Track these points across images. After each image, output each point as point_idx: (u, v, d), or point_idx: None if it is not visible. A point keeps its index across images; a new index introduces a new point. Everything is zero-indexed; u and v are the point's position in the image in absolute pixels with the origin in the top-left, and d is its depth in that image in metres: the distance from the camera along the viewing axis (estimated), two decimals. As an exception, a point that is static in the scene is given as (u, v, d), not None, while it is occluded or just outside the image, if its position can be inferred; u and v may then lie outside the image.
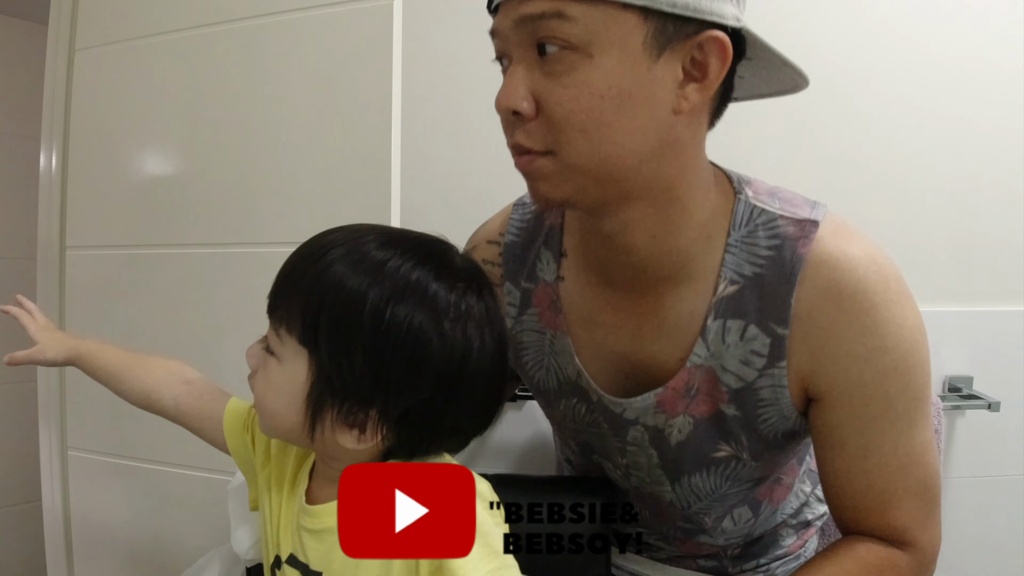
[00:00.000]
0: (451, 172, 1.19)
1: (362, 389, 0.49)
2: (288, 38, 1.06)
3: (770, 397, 0.61)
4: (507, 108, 0.53)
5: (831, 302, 0.57)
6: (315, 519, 0.54)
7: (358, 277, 0.48)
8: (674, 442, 0.66)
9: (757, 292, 0.59)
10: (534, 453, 1.13)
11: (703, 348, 0.61)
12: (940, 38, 1.14)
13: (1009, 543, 1.16)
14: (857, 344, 0.57)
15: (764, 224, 0.60)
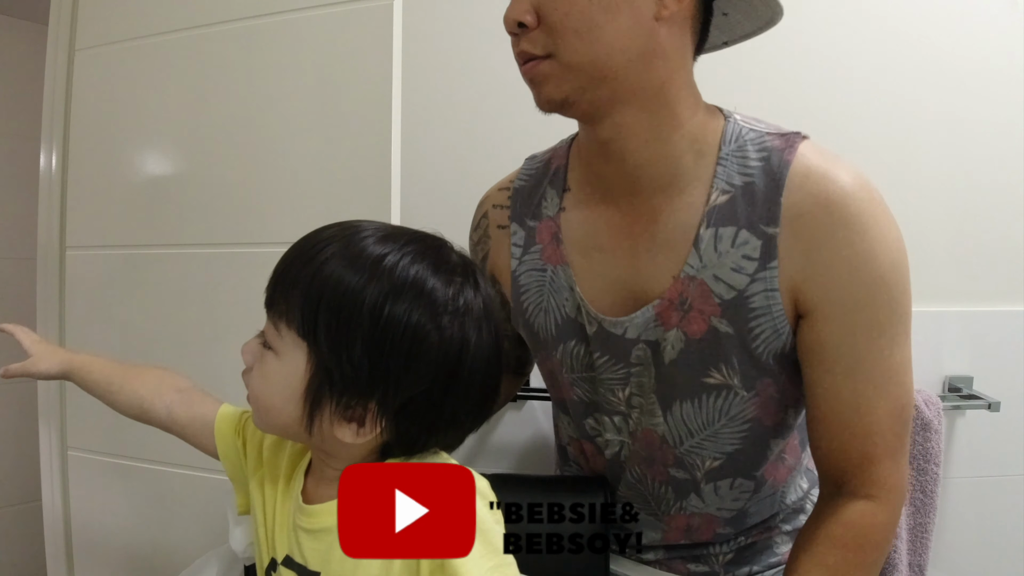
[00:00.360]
0: (451, 172, 1.19)
1: (361, 382, 0.49)
2: (288, 38, 1.06)
3: (762, 305, 0.63)
4: (513, 20, 0.61)
5: (820, 208, 0.60)
6: (313, 519, 0.54)
7: (357, 272, 0.49)
8: (667, 360, 0.67)
9: (748, 199, 0.63)
10: (534, 453, 1.13)
11: (696, 258, 0.64)
12: (940, 38, 1.14)
13: (1009, 543, 1.16)
14: (846, 249, 0.60)
15: (753, 140, 0.65)
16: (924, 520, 1.09)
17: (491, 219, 0.82)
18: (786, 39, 1.15)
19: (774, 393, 0.68)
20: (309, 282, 0.50)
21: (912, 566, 1.09)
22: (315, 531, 0.53)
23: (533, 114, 0.73)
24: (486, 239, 0.82)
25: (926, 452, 1.08)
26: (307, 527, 0.54)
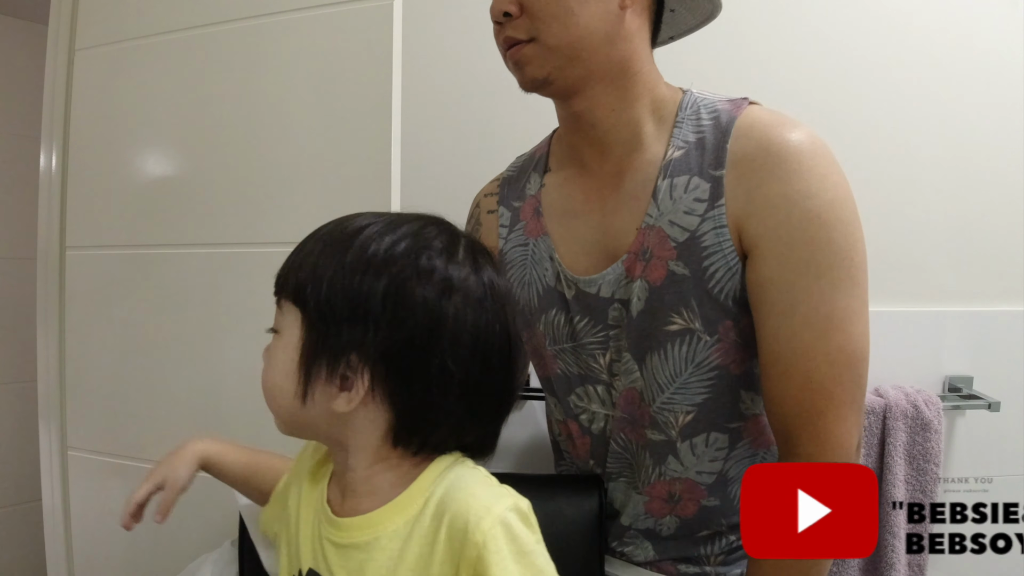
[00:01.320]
0: (451, 172, 1.19)
1: (342, 331, 0.48)
2: (288, 38, 1.06)
3: (713, 243, 0.66)
4: (499, 10, 0.68)
5: (761, 150, 0.65)
6: (343, 533, 0.51)
7: (345, 235, 0.52)
8: (635, 312, 0.70)
9: (699, 151, 0.69)
10: (534, 453, 1.13)
11: (654, 208, 0.70)
12: (941, 38, 1.14)
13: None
14: (783, 185, 0.63)
15: (705, 105, 0.72)
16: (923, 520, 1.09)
17: (482, 207, 0.89)
18: (786, 39, 1.16)
19: (736, 338, 0.69)
20: (301, 253, 0.53)
21: (911, 566, 1.09)
22: (345, 546, 0.50)
23: (532, 114, 0.74)
24: (477, 226, 0.89)
25: (926, 452, 1.08)
26: (337, 541, 0.51)
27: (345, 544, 0.50)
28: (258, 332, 1.15)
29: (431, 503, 0.48)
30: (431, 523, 0.47)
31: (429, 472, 0.50)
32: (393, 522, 0.49)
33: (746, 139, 0.66)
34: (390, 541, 0.48)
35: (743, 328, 0.69)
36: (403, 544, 0.48)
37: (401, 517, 0.49)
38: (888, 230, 1.15)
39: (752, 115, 0.68)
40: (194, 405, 1.15)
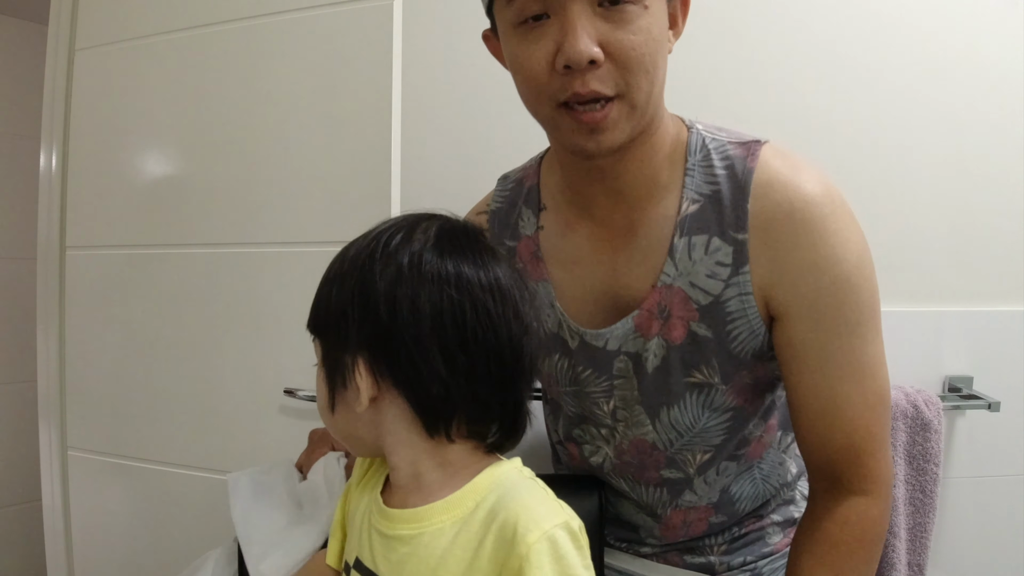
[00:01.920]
0: (451, 172, 1.19)
1: (332, 340, 0.53)
2: (288, 38, 1.06)
3: (737, 309, 0.65)
4: (587, 56, 0.56)
5: (784, 215, 0.62)
6: (391, 523, 0.52)
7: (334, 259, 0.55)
8: (651, 368, 0.69)
9: (716, 207, 0.65)
10: (534, 453, 1.13)
11: (671, 267, 0.66)
12: (941, 38, 1.14)
13: (1009, 543, 1.16)
14: (811, 253, 0.62)
15: (716, 150, 0.67)
16: (923, 520, 1.09)
17: None
18: (786, 39, 1.16)
19: (748, 381, 0.70)
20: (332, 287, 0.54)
21: (911, 565, 1.09)
22: (390, 537, 0.51)
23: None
24: None
25: (926, 452, 1.08)
26: (384, 531, 0.52)
27: (390, 535, 0.51)
28: (257, 332, 1.16)
29: (482, 507, 0.48)
30: (480, 528, 0.47)
31: (484, 476, 0.50)
32: (440, 520, 0.49)
33: (766, 199, 0.63)
34: (434, 539, 0.48)
35: (758, 374, 0.70)
36: (448, 544, 0.48)
37: (449, 516, 0.49)
38: (888, 230, 1.15)
39: (769, 169, 0.64)
40: (194, 405, 1.15)
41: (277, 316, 1.07)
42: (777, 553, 0.79)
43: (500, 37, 0.65)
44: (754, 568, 0.77)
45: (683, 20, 0.65)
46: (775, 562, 0.78)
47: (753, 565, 0.77)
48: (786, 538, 0.79)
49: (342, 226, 1.03)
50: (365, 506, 0.56)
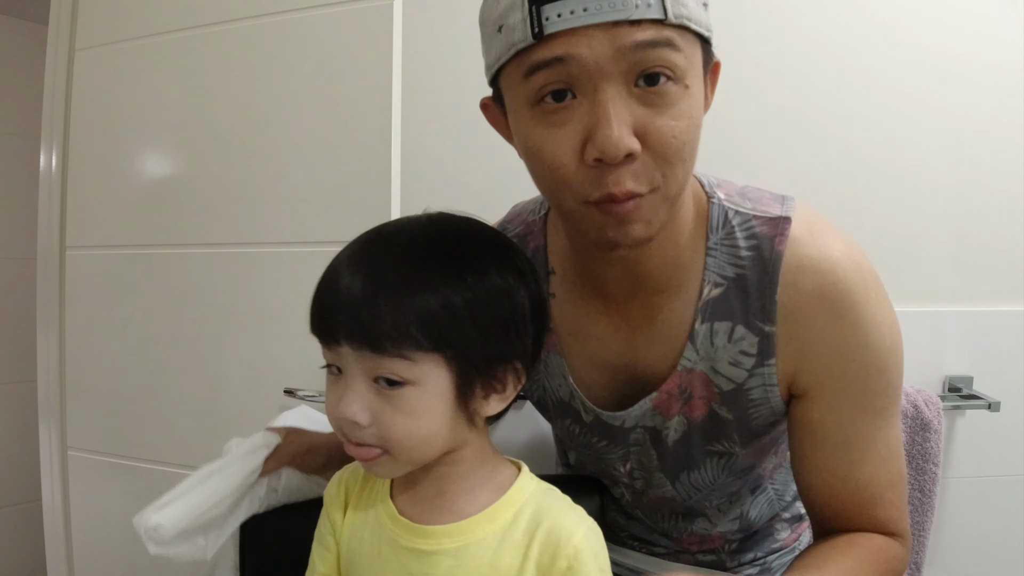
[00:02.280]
0: (451, 172, 1.19)
1: (491, 351, 0.50)
2: (288, 38, 1.06)
3: (760, 397, 0.62)
4: (624, 150, 0.48)
5: (815, 303, 0.58)
6: (433, 540, 0.52)
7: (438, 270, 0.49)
8: (670, 442, 0.67)
9: (741, 293, 0.60)
10: (534, 453, 1.13)
11: (692, 352, 0.63)
12: (940, 38, 1.14)
13: (1009, 543, 1.16)
14: (841, 343, 0.58)
15: (740, 225, 0.61)
16: (922, 519, 1.09)
17: None
18: (786, 39, 1.16)
19: (767, 441, 0.70)
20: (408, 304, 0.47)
21: (910, 565, 1.09)
22: (433, 553, 0.51)
23: None
24: None
25: (925, 452, 1.08)
26: (424, 548, 0.52)
27: (431, 551, 0.51)
28: (258, 332, 1.15)
29: (523, 517, 0.51)
30: (523, 535, 0.50)
31: (520, 488, 0.53)
32: (484, 530, 0.51)
33: (796, 288, 0.58)
34: (479, 549, 0.50)
35: (776, 433, 0.70)
36: (493, 552, 0.50)
37: (491, 527, 0.51)
38: (888, 230, 1.15)
39: (798, 253, 0.58)
40: (194, 405, 1.15)
41: (277, 316, 1.07)
42: (785, 548, 0.80)
43: (508, 112, 0.56)
44: (764, 563, 0.79)
45: (712, 91, 0.57)
46: (783, 557, 0.80)
47: (763, 560, 0.79)
48: (794, 533, 0.81)
49: (342, 226, 1.03)
50: (374, 532, 0.55)
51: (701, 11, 0.51)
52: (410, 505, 0.54)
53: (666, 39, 0.49)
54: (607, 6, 0.47)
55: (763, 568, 0.79)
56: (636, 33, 0.48)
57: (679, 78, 0.50)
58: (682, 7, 0.49)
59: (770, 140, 1.15)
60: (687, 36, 0.50)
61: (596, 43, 0.48)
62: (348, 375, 0.49)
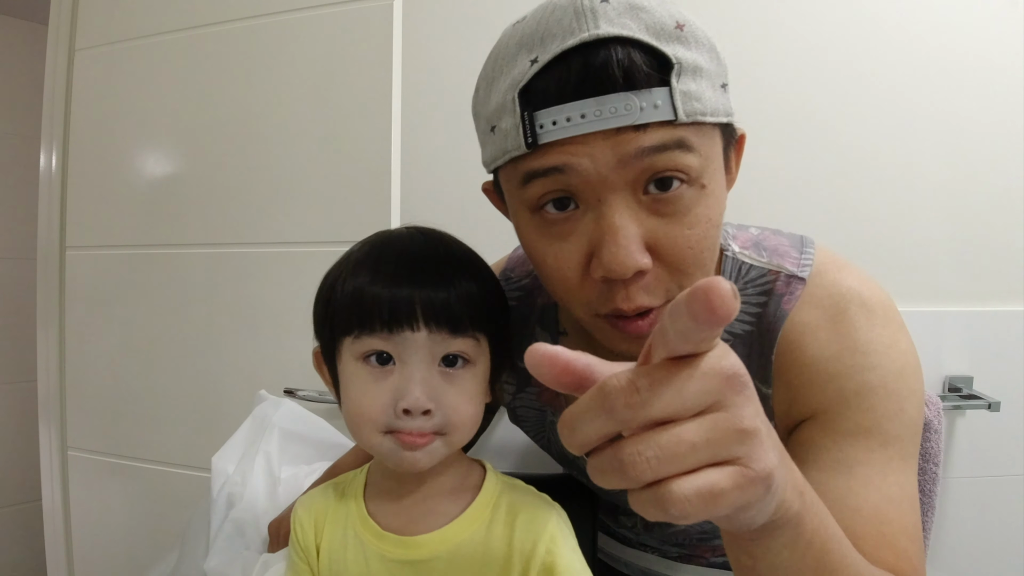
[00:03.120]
0: (451, 172, 1.19)
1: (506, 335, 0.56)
2: (288, 38, 1.06)
3: None
4: (632, 269, 0.44)
5: (810, 335, 0.54)
6: (424, 548, 0.52)
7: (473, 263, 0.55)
8: None
9: (746, 350, 0.57)
10: (534, 453, 1.13)
11: None
12: (940, 38, 1.14)
13: (1009, 543, 1.16)
14: (836, 363, 0.53)
15: (753, 280, 0.57)
16: (923, 519, 1.09)
17: None
18: (786, 39, 1.16)
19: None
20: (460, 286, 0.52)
21: (912, 566, 1.09)
22: (427, 560, 0.52)
23: None
24: None
25: (926, 452, 1.08)
26: (415, 558, 0.53)
27: (427, 559, 0.53)
28: (257, 332, 1.15)
29: (500, 510, 0.54)
30: (504, 528, 0.53)
31: (491, 484, 0.56)
32: (468, 530, 0.53)
33: (789, 354, 0.54)
34: (469, 546, 0.53)
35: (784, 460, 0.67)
36: (482, 547, 0.52)
37: (475, 524, 0.53)
38: (888, 230, 1.15)
39: (812, 317, 0.54)
40: (194, 405, 1.15)
41: (277, 316, 1.07)
42: None
43: (509, 209, 0.53)
44: None
45: (738, 164, 0.52)
46: None
47: None
48: None
49: (342, 226, 1.03)
50: (356, 552, 0.55)
51: (718, 96, 0.46)
52: (392, 518, 0.55)
53: (678, 141, 0.44)
54: (608, 112, 0.43)
55: None
56: (642, 138, 0.43)
57: (694, 179, 0.45)
58: (695, 102, 0.44)
59: (769, 140, 1.14)
60: (704, 130, 0.45)
61: (598, 152, 0.44)
62: (410, 362, 0.50)
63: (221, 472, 0.78)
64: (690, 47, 0.45)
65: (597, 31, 0.43)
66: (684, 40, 0.45)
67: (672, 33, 0.44)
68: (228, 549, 0.69)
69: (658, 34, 0.44)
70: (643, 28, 0.43)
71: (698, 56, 0.45)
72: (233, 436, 0.83)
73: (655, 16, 0.44)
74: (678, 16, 0.45)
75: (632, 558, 0.81)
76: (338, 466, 0.73)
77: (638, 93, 0.43)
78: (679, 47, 0.44)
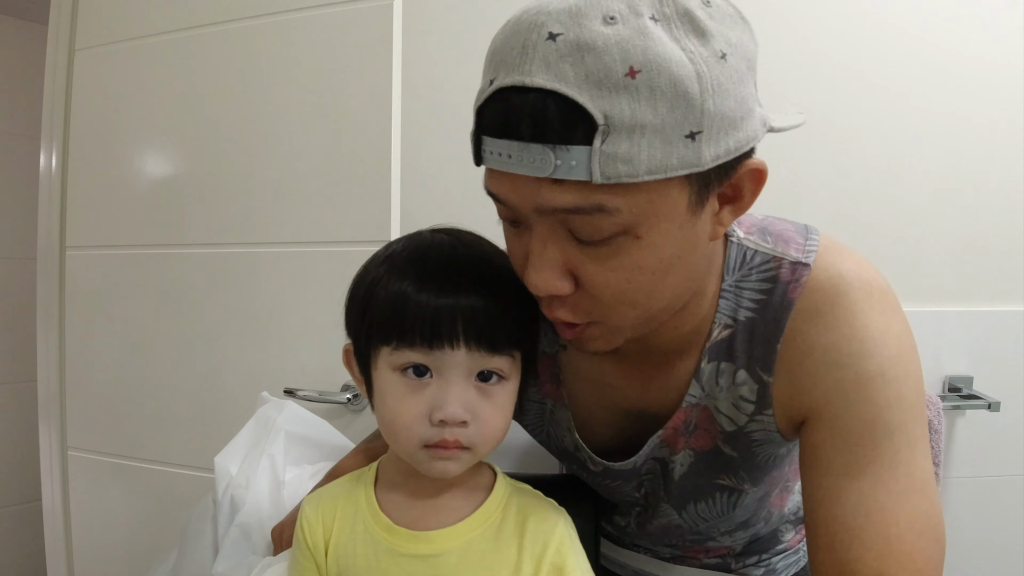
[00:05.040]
0: (451, 172, 1.19)
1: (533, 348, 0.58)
2: (288, 38, 1.06)
3: (763, 438, 0.61)
4: (544, 292, 0.49)
5: (810, 322, 0.55)
6: (436, 543, 0.53)
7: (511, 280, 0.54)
8: (677, 476, 0.66)
9: (748, 336, 0.58)
10: (535, 453, 1.13)
11: (698, 388, 0.61)
12: (941, 39, 1.14)
13: (1009, 543, 1.16)
14: (835, 353, 0.53)
15: (758, 266, 0.58)
16: (924, 520, 1.09)
17: None
18: (786, 39, 1.16)
19: (776, 475, 0.69)
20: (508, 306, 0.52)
21: (912, 566, 1.09)
22: (438, 555, 0.53)
23: None
24: None
25: (926, 452, 1.08)
26: (427, 553, 0.53)
27: (438, 553, 0.54)
28: (258, 332, 1.15)
29: (510, 512, 0.55)
30: (515, 528, 0.54)
31: (501, 486, 0.57)
32: (479, 528, 0.54)
33: (796, 342, 0.55)
34: (480, 543, 0.54)
35: (783, 470, 0.69)
36: (492, 546, 0.54)
37: (486, 523, 0.55)
38: (888, 230, 1.15)
39: (811, 302, 0.55)
40: (194, 405, 1.15)
41: (277, 316, 1.07)
42: (790, 549, 0.80)
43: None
44: (768, 564, 0.79)
45: (752, 191, 0.50)
46: (788, 558, 0.80)
47: (768, 561, 0.79)
48: (798, 534, 0.81)
49: (342, 226, 1.03)
50: (367, 546, 0.55)
51: (672, 150, 0.42)
52: (403, 513, 0.56)
53: (595, 205, 0.43)
54: (527, 159, 0.43)
55: (768, 569, 0.79)
56: (558, 197, 0.44)
57: (625, 230, 0.45)
58: (622, 164, 0.42)
59: (769, 141, 1.14)
60: (638, 188, 0.43)
61: (522, 192, 0.46)
62: (447, 375, 0.51)
63: (224, 473, 0.78)
64: (637, 98, 0.41)
65: (525, 78, 0.42)
66: (632, 90, 0.41)
67: (617, 82, 0.41)
68: (235, 554, 0.70)
69: (598, 83, 0.41)
70: (580, 77, 0.41)
71: (646, 109, 0.41)
72: (236, 437, 0.83)
73: (602, 62, 0.41)
74: (639, 58, 0.41)
75: (626, 559, 0.82)
76: (338, 468, 0.73)
77: (554, 148, 0.42)
78: (619, 100, 0.41)
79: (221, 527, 0.73)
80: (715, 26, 0.44)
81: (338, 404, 1.01)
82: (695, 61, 0.42)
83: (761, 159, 0.49)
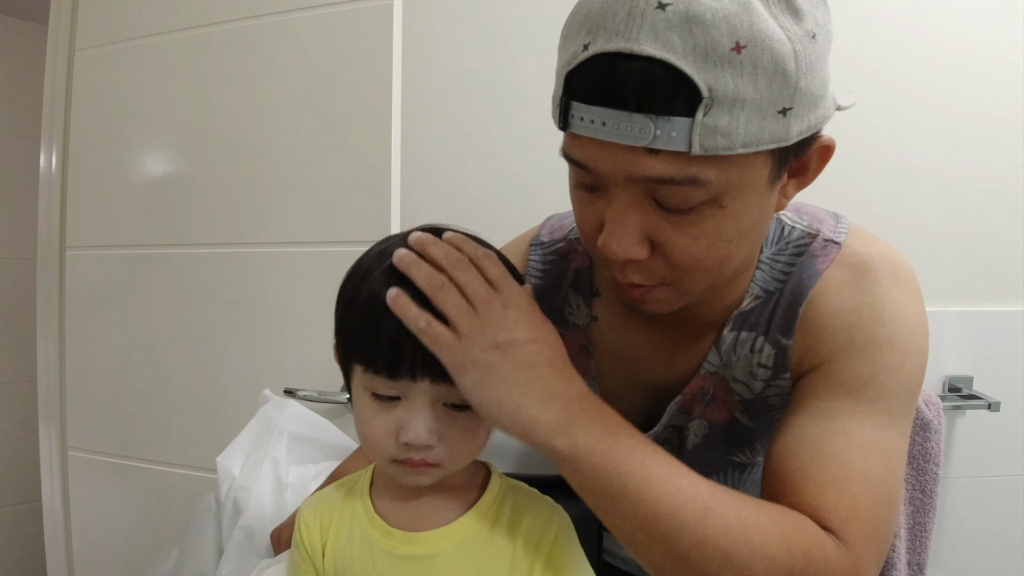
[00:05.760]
0: (451, 172, 1.19)
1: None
2: (288, 38, 1.06)
3: (779, 403, 0.62)
4: (620, 257, 0.49)
5: (835, 289, 0.57)
6: (431, 544, 0.53)
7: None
8: (690, 446, 0.66)
9: (771, 307, 0.60)
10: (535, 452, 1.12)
11: (716, 357, 0.62)
12: (940, 38, 1.14)
13: (1009, 543, 1.16)
14: (853, 315, 0.55)
15: (794, 241, 0.60)
16: (923, 519, 1.09)
17: None
18: (786, 39, 1.16)
19: None
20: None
21: (911, 565, 1.09)
22: (434, 555, 0.53)
23: (533, 114, 0.71)
24: None
25: (926, 452, 1.08)
26: (422, 554, 0.53)
27: (433, 554, 0.54)
28: (258, 332, 1.15)
29: (504, 510, 0.55)
30: (510, 526, 0.54)
31: (495, 484, 0.57)
32: (474, 527, 0.54)
33: (816, 308, 0.57)
34: (475, 542, 0.54)
35: None
36: (488, 544, 0.54)
37: (481, 521, 0.55)
38: (888, 230, 1.14)
39: (838, 273, 0.57)
40: (194, 405, 1.15)
41: (277, 316, 1.07)
42: None
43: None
44: None
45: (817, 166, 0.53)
46: None
47: None
48: None
49: (342, 226, 1.03)
50: (363, 549, 0.56)
51: (767, 124, 0.44)
52: (398, 515, 0.56)
53: (688, 177, 0.44)
54: (624, 128, 0.43)
55: None
56: (652, 166, 0.44)
57: (711, 199, 0.46)
58: (721, 137, 0.43)
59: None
60: (729, 161, 0.44)
61: (612, 160, 0.46)
62: (413, 402, 0.50)
63: (227, 473, 0.78)
64: (741, 73, 0.42)
65: (634, 45, 0.42)
66: (736, 65, 0.41)
67: (723, 56, 0.41)
68: (238, 557, 0.70)
69: (705, 56, 0.41)
70: (688, 48, 0.41)
71: (748, 84, 0.42)
72: (238, 436, 0.83)
73: (709, 34, 0.41)
74: (745, 34, 0.41)
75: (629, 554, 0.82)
76: (342, 469, 0.73)
77: (655, 118, 0.42)
78: (724, 74, 0.41)
79: (225, 528, 0.73)
80: (807, 6, 0.45)
81: (338, 404, 1.02)
82: (792, 40, 0.43)
83: (831, 136, 0.52)
